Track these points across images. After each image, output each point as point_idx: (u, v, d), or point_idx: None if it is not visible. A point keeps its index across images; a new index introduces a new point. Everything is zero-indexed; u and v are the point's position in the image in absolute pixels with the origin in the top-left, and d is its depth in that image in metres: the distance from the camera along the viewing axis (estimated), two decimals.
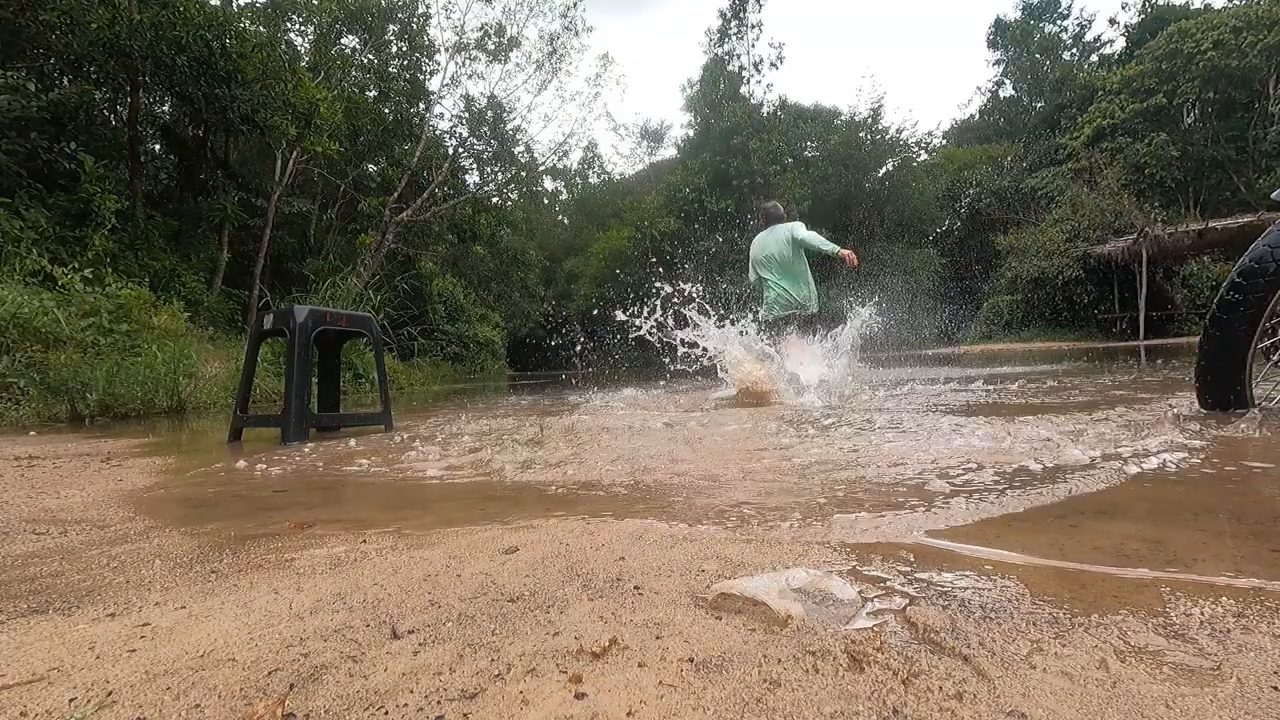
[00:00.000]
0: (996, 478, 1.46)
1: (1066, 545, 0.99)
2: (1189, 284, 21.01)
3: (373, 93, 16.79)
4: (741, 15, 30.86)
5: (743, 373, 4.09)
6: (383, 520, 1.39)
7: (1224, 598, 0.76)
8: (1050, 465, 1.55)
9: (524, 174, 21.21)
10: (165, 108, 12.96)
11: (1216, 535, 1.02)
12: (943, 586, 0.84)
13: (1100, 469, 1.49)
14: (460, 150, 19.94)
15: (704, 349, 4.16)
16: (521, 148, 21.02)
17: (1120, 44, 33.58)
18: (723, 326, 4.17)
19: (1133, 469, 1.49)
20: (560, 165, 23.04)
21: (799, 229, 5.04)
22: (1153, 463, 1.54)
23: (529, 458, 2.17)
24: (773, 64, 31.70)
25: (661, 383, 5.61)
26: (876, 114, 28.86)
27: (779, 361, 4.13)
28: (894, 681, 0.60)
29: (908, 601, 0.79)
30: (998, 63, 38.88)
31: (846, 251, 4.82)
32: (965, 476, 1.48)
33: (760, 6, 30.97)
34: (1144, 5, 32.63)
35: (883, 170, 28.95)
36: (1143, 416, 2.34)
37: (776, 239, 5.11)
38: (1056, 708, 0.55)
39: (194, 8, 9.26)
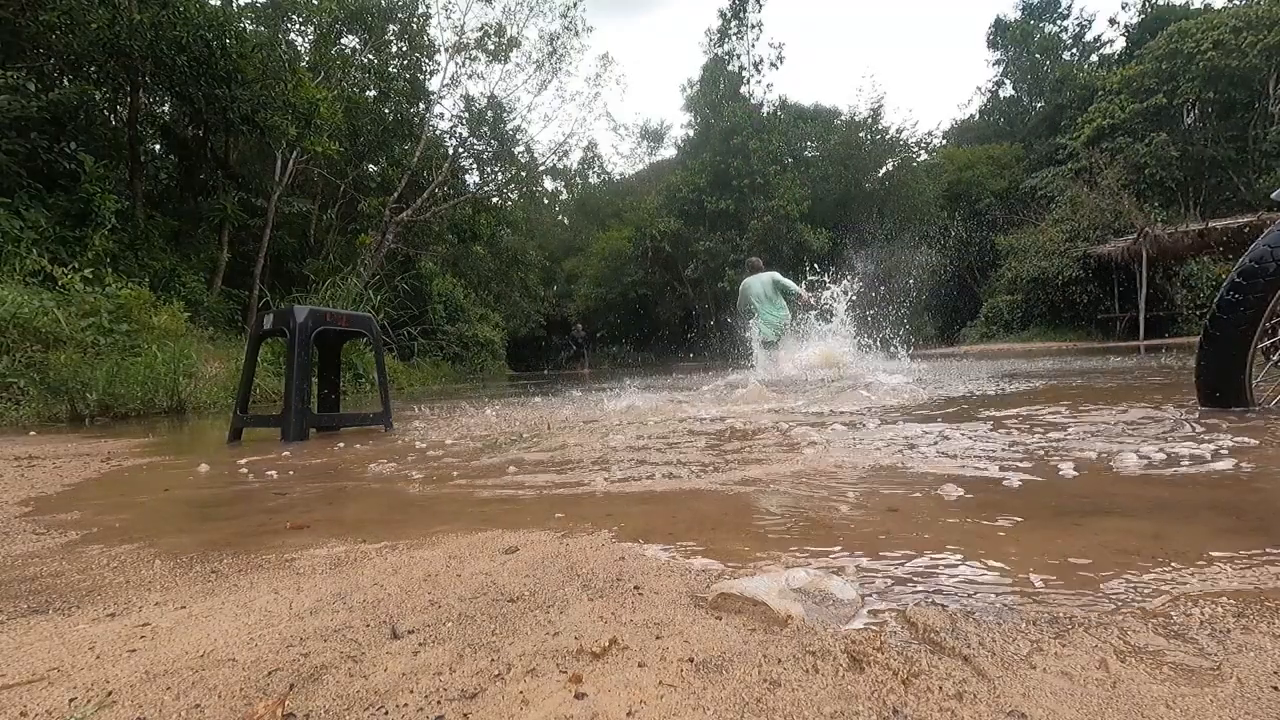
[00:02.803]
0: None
1: None
2: (1189, 284, 20.95)
3: (373, 93, 16.76)
4: (741, 15, 30.84)
5: (824, 353, 6.76)
6: (383, 520, 1.39)
7: (1224, 597, 0.76)
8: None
9: (524, 174, 21.18)
10: (165, 108, 12.93)
11: None
12: (942, 586, 0.84)
13: None
14: (460, 150, 19.91)
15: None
16: (521, 148, 21.00)
17: (1120, 44, 33.57)
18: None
19: None
20: (560, 165, 23.01)
21: (777, 275, 7.51)
22: None
23: (529, 458, 2.17)
24: (773, 64, 31.70)
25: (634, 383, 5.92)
26: (876, 114, 28.82)
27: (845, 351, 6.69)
28: (894, 681, 0.60)
29: (908, 601, 0.79)
30: (998, 63, 38.87)
31: (807, 295, 7.29)
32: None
33: (760, 6, 30.92)
34: (1144, 5, 32.61)
35: (883, 170, 28.90)
36: None
37: (763, 283, 7.44)
38: (1056, 708, 0.55)
39: (194, 8, 9.25)
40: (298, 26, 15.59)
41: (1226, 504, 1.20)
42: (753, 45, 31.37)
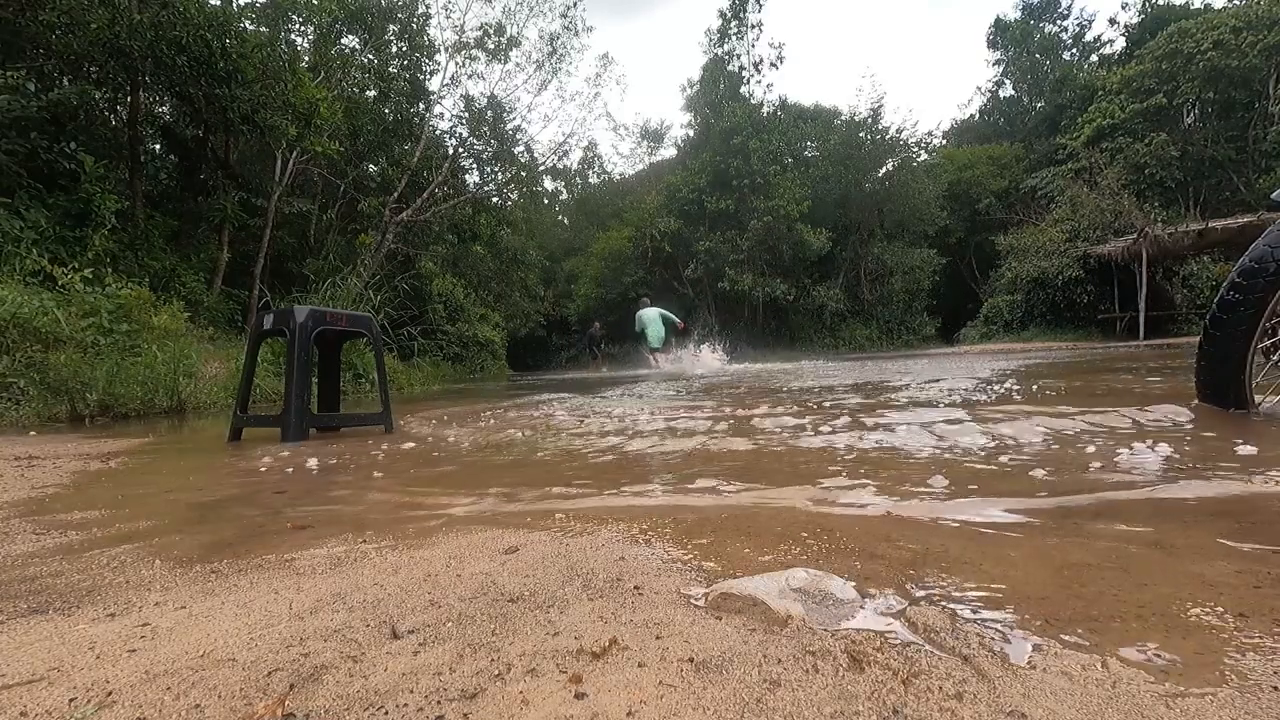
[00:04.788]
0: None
1: None
2: (1189, 284, 20.95)
3: (373, 93, 16.74)
4: (741, 15, 30.79)
5: (703, 362, 12.16)
6: (383, 520, 1.39)
7: (1223, 598, 0.76)
8: None
9: (524, 174, 21.16)
10: (165, 108, 12.94)
11: None
12: (943, 586, 0.84)
13: None
14: (460, 150, 19.89)
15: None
16: (521, 148, 21.00)
17: (1120, 44, 33.55)
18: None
19: None
20: (560, 165, 23.00)
21: (663, 310, 12.58)
22: None
23: (529, 457, 2.17)
24: (773, 64, 31.61)
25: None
26: (876, 114, 28.78)
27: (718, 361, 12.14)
28: (894, 681, 0.60)
29: (908, 601, 0.79)
30: (998, 63, 38.83)
31: (680, 324, 12.79)
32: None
33: (760, 6, 30.87)
34: (1144, 5, 32.59)
35: (883, 170, 28.87)
36: None
37: (654, 313, 12.49)
38: (1056, 708, 0.55)
39: (194, 8, 9.24)
40: (298, 26, 15.57)
41: (1226, 507, 1.20)
42: (753, 45, 31.32)
